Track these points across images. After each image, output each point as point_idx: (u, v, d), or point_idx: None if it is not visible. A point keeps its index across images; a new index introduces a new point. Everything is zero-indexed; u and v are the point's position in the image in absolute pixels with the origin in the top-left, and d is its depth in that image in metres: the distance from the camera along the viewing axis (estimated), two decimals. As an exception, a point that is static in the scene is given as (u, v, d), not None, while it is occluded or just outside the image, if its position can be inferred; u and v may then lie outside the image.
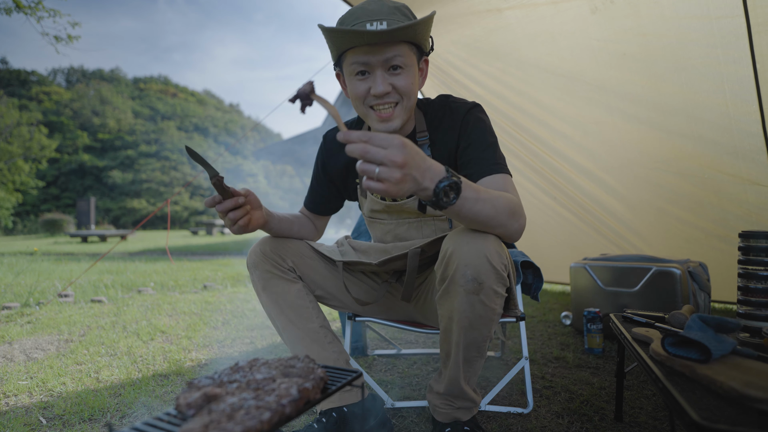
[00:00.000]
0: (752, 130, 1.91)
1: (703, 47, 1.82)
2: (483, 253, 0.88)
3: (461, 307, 0.92)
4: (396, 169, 0.68)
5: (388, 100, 0.99)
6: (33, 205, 27.40)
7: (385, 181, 0.68)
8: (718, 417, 0.56)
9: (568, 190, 2.67)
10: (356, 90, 1.00)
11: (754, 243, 0.95)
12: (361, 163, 0.69)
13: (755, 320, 0.93)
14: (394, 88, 0.99)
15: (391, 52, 0.95)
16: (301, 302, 1.12)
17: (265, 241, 1.14)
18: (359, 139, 0.69)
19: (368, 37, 0.92)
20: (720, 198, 2.18)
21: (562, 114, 2.43)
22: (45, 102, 33.68)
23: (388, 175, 0.68)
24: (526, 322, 2.37)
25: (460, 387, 1.04)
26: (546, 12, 2.09)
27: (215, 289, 3.62)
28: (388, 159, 0.67)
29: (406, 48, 0.98)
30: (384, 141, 0.68)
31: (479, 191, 0.83)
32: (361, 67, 0.98)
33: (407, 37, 0.96)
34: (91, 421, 1.24)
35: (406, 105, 1.01)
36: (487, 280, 0.89)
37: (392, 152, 0.68)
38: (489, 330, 0.97)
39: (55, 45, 6.90)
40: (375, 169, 0.68)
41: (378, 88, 0.97)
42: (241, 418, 0.49)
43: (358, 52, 0.96)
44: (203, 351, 1.90)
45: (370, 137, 0.69)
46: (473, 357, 1.01)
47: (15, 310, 2.72)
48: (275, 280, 1.11)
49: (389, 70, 0.98)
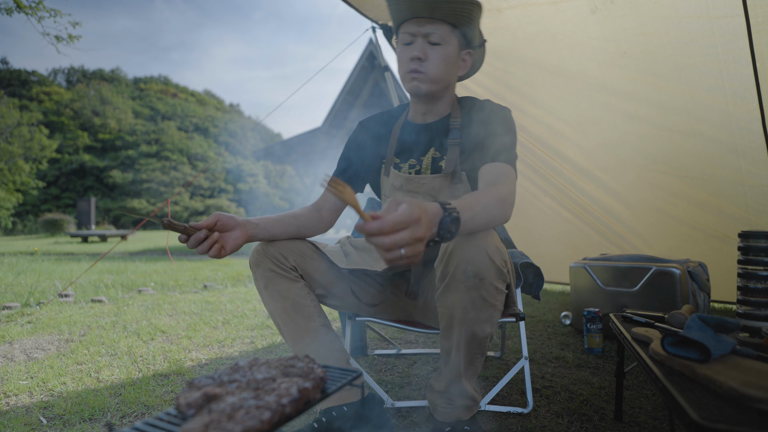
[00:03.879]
0: (752, 128, 1.91)
1: (703, 46, 1.82)
2: (483, 250, 0.91)
3: (462, 304, 0.93)
4: (419, 243, 0.69)
5: (420, 68, 1.12)
6: (33, 205, 27.42)
7: (411, 257, 0.69)
8: (718, 417, 0.56)
9: (568, 191, 2.67)
10: (401, 55, 1.16)
11: (754, 243, 0.95)
12: (383, 251, 0.67)
13: (755, 320, 0.94)
14: (427, 57, 1.12)
15: (431, 27, 1.10)
16: (302, 301, 1.12)
17: (270, 242, 1.14)
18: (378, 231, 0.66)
19: (413, 7, 1.09)
20: (719, 199, 2.18)
21: (562, 114, 2.43)
22: (45, 102, 33.69)
23: (412, 251, 0.68)
24: (526, 322, 2.38)
25: (461, 385, 1.04)
26: (546, 12, 2.09)
27: (215, 289, 3.63)
28: (413, 238, 0.67)
29: (447, 29, 1.11)
30: (399, 223, 0.66)
31: (473, 207, 0.86)
32: (408, 37, 1.13)
33: (447, 17, 1.10)
34: (91, 420, 1.24)
35: (434, 75, 1.13)
36: (487, 275, 0.91)
37: (415, 230, 0.68)
38: (490, 326, 0.98)
39: (55, 45, 6.91)
40: (400, 252, 0.67)
41: (414, 51, 1.11)
42: (241, 418, 0.49)
43: (408, 24, 1.13)
44: (203, 351, 1.90)
45: (383, 227, 0.66)
46: (474, 354, 1.02)
47: (15, 310, 2.72)
48: (277, 279, 1.11)
49: (429, 43, 1.12)
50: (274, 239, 1.15)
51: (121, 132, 34.86)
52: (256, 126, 39.66)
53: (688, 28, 1.81)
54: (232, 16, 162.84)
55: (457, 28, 1.12)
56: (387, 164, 1.25)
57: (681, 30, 1.83)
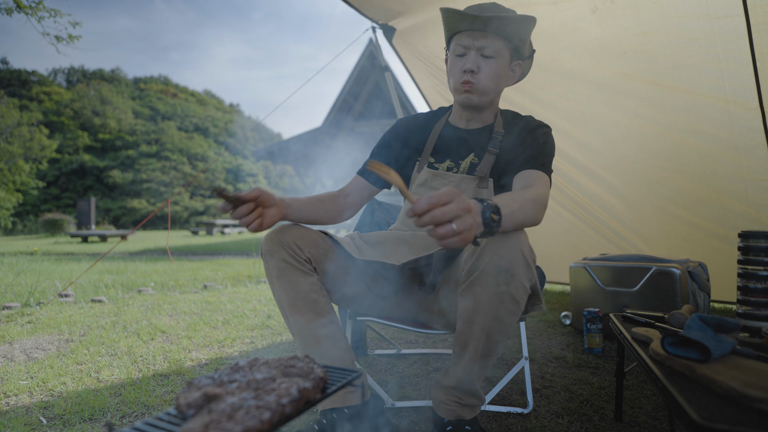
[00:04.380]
0: (753, 125, 1.91)
1: (703, 46, 1.82)
2: (518, 247, 0.93)
3: (490, 299, 0.94)
4: (468, 215, 0.72)
5: (472, 80, 1.16)
6: (33, 205, 27.42)
7: (464, 231, 0.71)
8: (718, 417, 0.56)
9: (568, 190, 2.67)
10: (453, 66, 1.19)
11: (754, 243, 0.95)
12: (433, 229, 0.70)
13: (755, 320, 0.94)
14: (480, 70, 1.15)
15: (486, 41, 1.14)
16: (314, 296, 1.11)
17: (283, 230, 1.12)
18: (428, 206, 0.69)
19: (470, 20, 1.12)
20: (720, 195, 2.18)
21: (563, 111, 2.43)
22: (45, 102, 33.69)
23: (463, 224, 0.71)
24: (526, 322, 2.37)
25: (473, 382, 1.04)
26: (546, 12, 2.09)
27: (215, 289, 3.63)
28: (460, 209, 0.71)
29: (501, 42, 1.15)
30: (444, 196, 0.70)
31: (510, 205, 0.89)
32: (461, 49, 1.17)
33: (502, 32, 1.13)
34: (91, 420, 1.24)
35: (485, 88, 1.17)
36: (518, 273, 0.93)
37: (459, 202, 0.71)
38: (511, 326, 0.99)
39: (55, 45, 6.90)
40: (451, 225, 0.70)
41: (468, 64, 1.15)
42: (241, 418, 0.49)
43: (462, 36, 1.16)
44: (203, 351, 1.91)
45: (431, 202, 0.70)
46: (490, 353, 1.02)
47: (15, 309, 2.72)
48: (290, 270, 1.10)
49: (482, 56, 1.15)
50: (301, 222, 1.17)
51: (121, 132, 34.85)
52: (256, 126, 39.65)
53: (688, 27, 1.81)
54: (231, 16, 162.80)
55: (510, 41, 1.16)
56: (422, 162, 1.28)
57: (681, 30, 1.83)
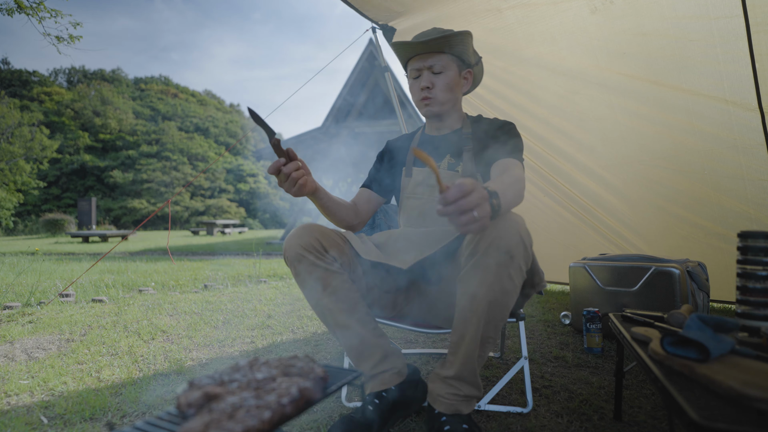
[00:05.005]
0: (752, 125, 1.91)
1: (702, 47, 1.82)
2: (516, 230, 0.98)
3: (489, 280, 0.97)
4: (486, 203, 0.80)
5: (429, 95, 1.32)
6: (34, 206, 27.44)
7: (483, 218, 0.79)
8: (717, 416, 0.56)
9: (567, 190, 2.67)
10: (412, 87, 1.36)
11: (753, 243, 0.95)
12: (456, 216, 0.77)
13: (754, 320, 0.94)
14: (434, 85, 1.31)
15: (433, 60, 1.30)
16: (350, 295, 1.15)
17: (302, 233, 1.13)
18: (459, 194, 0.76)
19: (413, 46, 1.30)
20: (719, 194, 2.18)
21: (562, 111, 2.43)
22: (46, 102, 33.71)
23: (483, 212, 0.79)
24: (526, 321, 2.38)
25: (473, 369, 1.05)
26: (546, 12, 2.09)
27: (216, 288, 3.63)
28: (480, 198, 0.79)
29: (446, 58, 1.31)
30: (468, 185, 0.78)
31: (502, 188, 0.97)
32: (415, 72, 1.34)
33: (443, 48, 1.29)
34: (92, 420, 1.25)
35: (442, 99, 1.32)
36: (517, 254, 0.97)
37: (479, 191, 0.79)
38: (508, 309, 1.03)
39: (56, 45, 6.90)
40: (473, 213, 0.77)
41: (423, 82, 1.31)
42: (241, 418, 0.50)
43: (414, 61, 1.33)
44: (204, 350, 1.91)
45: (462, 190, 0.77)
46: (489, 338, 1.04)
47: (16, 309, 2.73)
48: (320, 272, 1.11)
49: (433, 73, 1.31)
50: (326, 207, 1.24)
51: (121, 132, 34.87)
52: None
53: (687, 28, 1.81)
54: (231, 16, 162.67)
55: (453, 55, 1.31)
56: (408, 168, 1.40)
57: (680, 30, 1.84)
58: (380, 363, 1.15)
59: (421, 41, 1.27)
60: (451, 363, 1.07)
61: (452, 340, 1.07)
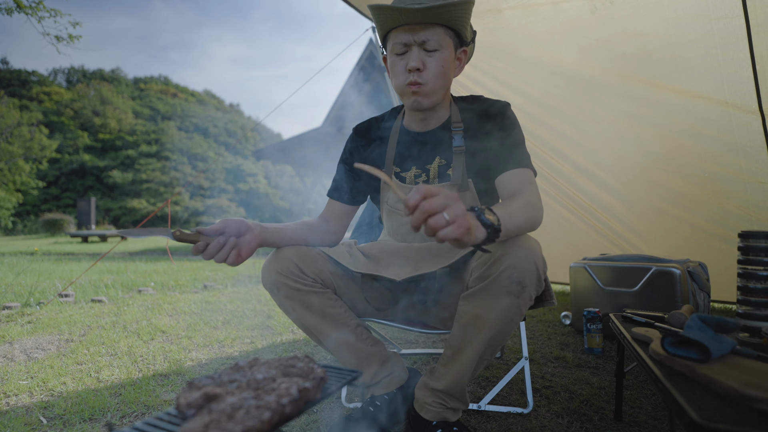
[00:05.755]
0: (753, 128, 1.91)
1: (702, 48, 1.82)
2: (532, 259, 0.92)
3: (498, 307, 0.93)
4: (457, 203, 0.69)
5: (419, 79, 1.04)
6: (33, 205, 27.40)
7: (457, 219, 0.68)
8: (718, 417, 0.56)
9: (568, 190, 2.67)
10: (395, 66, 1.07)
11: (754, 243, 0.95)
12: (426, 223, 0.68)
13: (755, 320, 0.94)
14: (426, 67, 1.04)
15: (427, 34, 1.02)
16: (334, 311, 1.10)
17: (278, 258, 1.08)
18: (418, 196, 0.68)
19: (405, 15, 0.99)
20: (719, 197, 2.18)
21: (562, 113, 2.43)
22: (45, 102, 33.67)
23: (455, 212, 0.68)
24: (526, 322, 2.37)
25: (462, 387, 1.04)
26: (546, 12, 2.09)
27: (215, 288, 3.63)
28: (447, 198, 0.69)
29: (442, 32, 1.03)
30: (431, 188, 0.69)
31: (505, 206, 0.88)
32: (401, 47, 1.04)
33: (442, 20, 1.01)
34: (91, 420, 1.24)
35: (434, 86, 1.06)
36: (529, 284, 0.92)
37: (447, 193, 0.69)
38: (509, 335, 0.99)
39: (55, 45, 6.91)
40: (443, 215, 0.68)
41: (412, 62, 1.03)
42: (241, 418, 0.49)
43: (399, 32, 1.03)
44: (203, 351, 1.90)
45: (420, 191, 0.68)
46: (486, 359, 1.01)
47: (15, 309, 2.72)
48: (302, 296, 1.08)
49: (425, 51, 1.04)
50: (285, 243, 1.11)
51: (121, 132, 34.84)
52: (256, 126, 39.65)
53: (687, 29, 1.81)
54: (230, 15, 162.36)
55: (451, 29, 1.05)
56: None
57: (680, 31, 1.83)
58: (379, 371, 1.14)
59: (418, 8, 0.97)
60: (441, 375, 1.04)
61: (446, 353, 1.04)
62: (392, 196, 1.20)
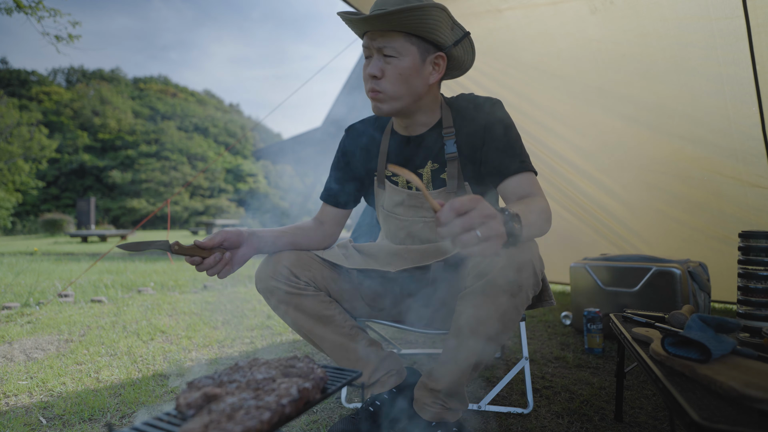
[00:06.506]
0: (752, 133, 1.91)
1: (702, 48, 1.82)
2: (529, 259, 0.92)
3: (495, 307, 0.93)
4: (493, 221, 0.66)
5: (377, 87, 1.04)
6: (33, 205, 27.38)
7: (489, 238, 0.65)
8: (718, 417, 0.56)
9: (567, 191, 2.67)
10: (363, 71, 1.08)
11: (754, 243, 0.95)
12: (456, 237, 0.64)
13: (755, 320, 0.94)
14: (384, 74, 1.03)
15: (383, 40, 1.01)
16: (328, 312, 1.12)
17: (271, 262, 1.10)
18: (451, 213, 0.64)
19: (363, 21, 1.00)
20: (719, 200, 2.18)
21: (561, 115, 2.43)
22: (45, 102, 33.66)
23: (488, 231, 0.65)
24: (526, 322, 2.37)
25: (461, 387, 1.04)
26: (545, 12, 2.09)
27: (215, 289, 3.62)
28: (483, 216, 0.64)
29: (402, 39, 1.01)
30: (467, 203, 0.65)
31: (528, 215, 0.86)
32: (366, 51, 1.06)
33: (401, 26, 0.99)
34: (91, 421, 1.24)
35: (393, 93, 1.04)
36: (526, 284, 0.92)
37: (483, 207, 0.65)
38: (507, 336, 0.99)
39: (55, 44, 6.90)
40: (476, 233, 0.64)
41: (369, 69, 1.04)
42: (241, 418, 0.49)
43: (366, 38, 1.05)
44: (203, 351, 1.90)
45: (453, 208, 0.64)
46: (484, 359, 1.01)
47: (15, 310, 2.72)
48: (296, 299, 1.09)
49: (384, 56, 1.03)
50: (280, 250, 1.13)
51: (120, 132, 34.82)
52: (256, 126, 39.64)
53: (687, 29, 1.81)
54: (230, 15, 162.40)
55: (415, 35, 1.01)
56: (380, 177, 1.19)
57: (680, 31, 1.83)
58: (376, 371, 1.14)
59: (374, 14, 0.96)
60: (439, 375, 1.05)
61: (444, 353, 1.04)
62: (388, 200, 1.19)
